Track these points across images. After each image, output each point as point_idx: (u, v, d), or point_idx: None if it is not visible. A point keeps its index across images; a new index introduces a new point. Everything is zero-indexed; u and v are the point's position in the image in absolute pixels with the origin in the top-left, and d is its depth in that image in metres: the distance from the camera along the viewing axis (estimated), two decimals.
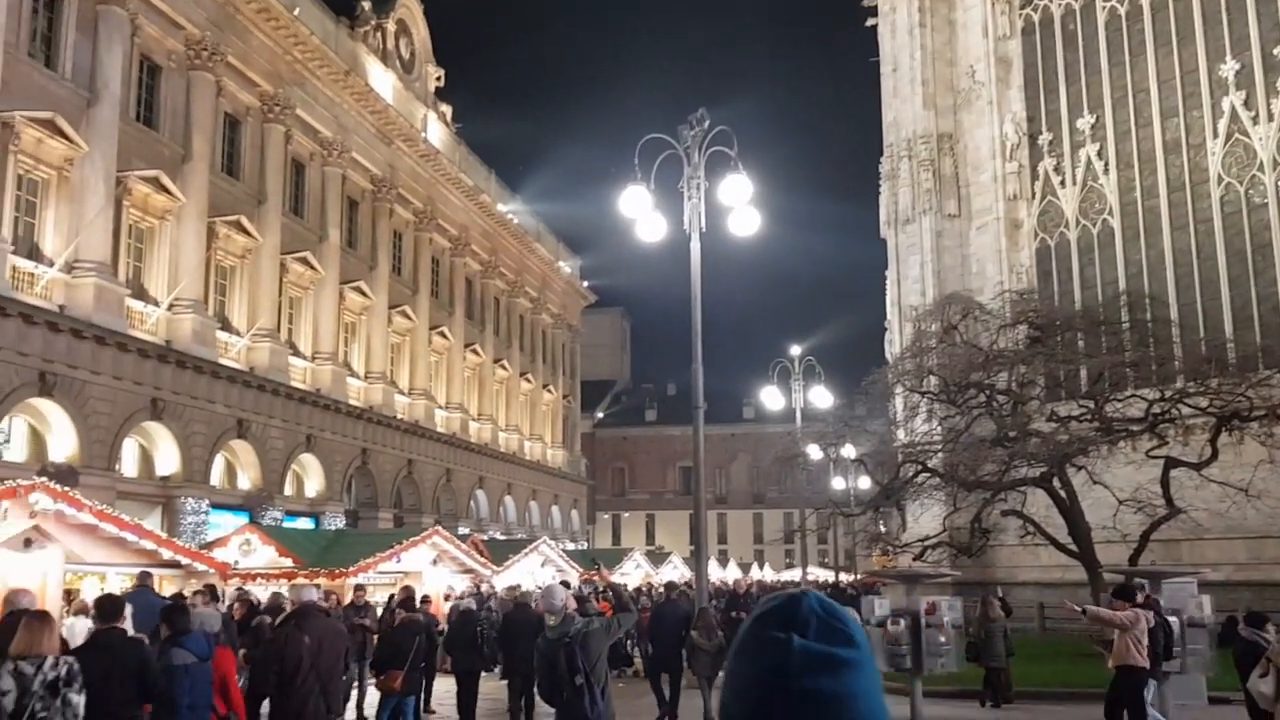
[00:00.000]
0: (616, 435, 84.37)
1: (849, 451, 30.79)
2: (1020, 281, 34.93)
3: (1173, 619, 12.77)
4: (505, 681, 14.44)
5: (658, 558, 43.05)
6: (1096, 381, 25.55)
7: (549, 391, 60.42)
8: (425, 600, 18.70)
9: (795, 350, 30.30)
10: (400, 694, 12.39)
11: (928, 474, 25.86)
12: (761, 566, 59.01)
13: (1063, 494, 23.94)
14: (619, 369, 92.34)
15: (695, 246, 14.33)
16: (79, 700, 6.08)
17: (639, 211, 14.23)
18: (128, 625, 9.37)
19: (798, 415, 31.01)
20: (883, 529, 34.82)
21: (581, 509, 65.74)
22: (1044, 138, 37.51)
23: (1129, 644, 11.56)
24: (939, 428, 26.73)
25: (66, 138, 25.10)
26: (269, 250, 32.89)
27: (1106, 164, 35.91)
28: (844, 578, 42.49)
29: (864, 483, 32.35)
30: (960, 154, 38.86)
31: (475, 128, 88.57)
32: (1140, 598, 12.65)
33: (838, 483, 34.30)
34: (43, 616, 6.81)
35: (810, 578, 39.04)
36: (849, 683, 1.23)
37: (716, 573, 40.79)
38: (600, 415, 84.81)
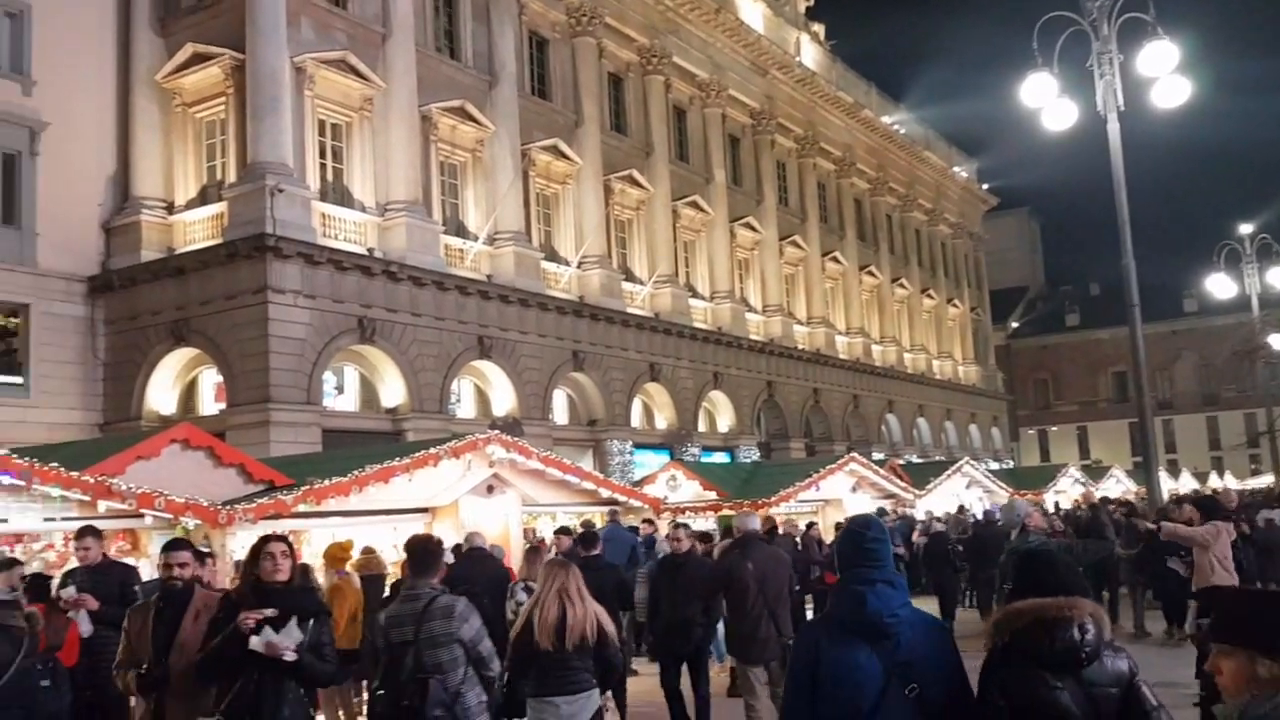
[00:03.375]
0: (1034, 345, 78.93)
1: None
2: None
3: None
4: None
5: (1096, 472, 39.65)
6: None
7: (954, 306, 57.72)
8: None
9: (1246, 229, 26.13)
10: None
11: None
12: (1221, 474, 52.59)
13: None
14: (1030, 274, 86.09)
15: (1114, 128, 12.89)
16: None
17: (1043, 99, 12.93)
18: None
19: (1254, 302, 26.85)
20: None
21: (1003, 426, 62.47)
22: None
23: (1211, 563, 10.00)
24: None
25: (476, 121, 27.46)
26: (661, 199, 34.05)
27: None
28: None
29: None
30: None
31: (850, 41, 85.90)
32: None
33: None
34: (533, 550, 9.12)
35: None
36: None
37: (1167, 484, 36.83)
38: (1014, 325, 79.76)
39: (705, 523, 19.26)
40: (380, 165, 25.01)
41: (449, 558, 9.96)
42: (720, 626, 10.27)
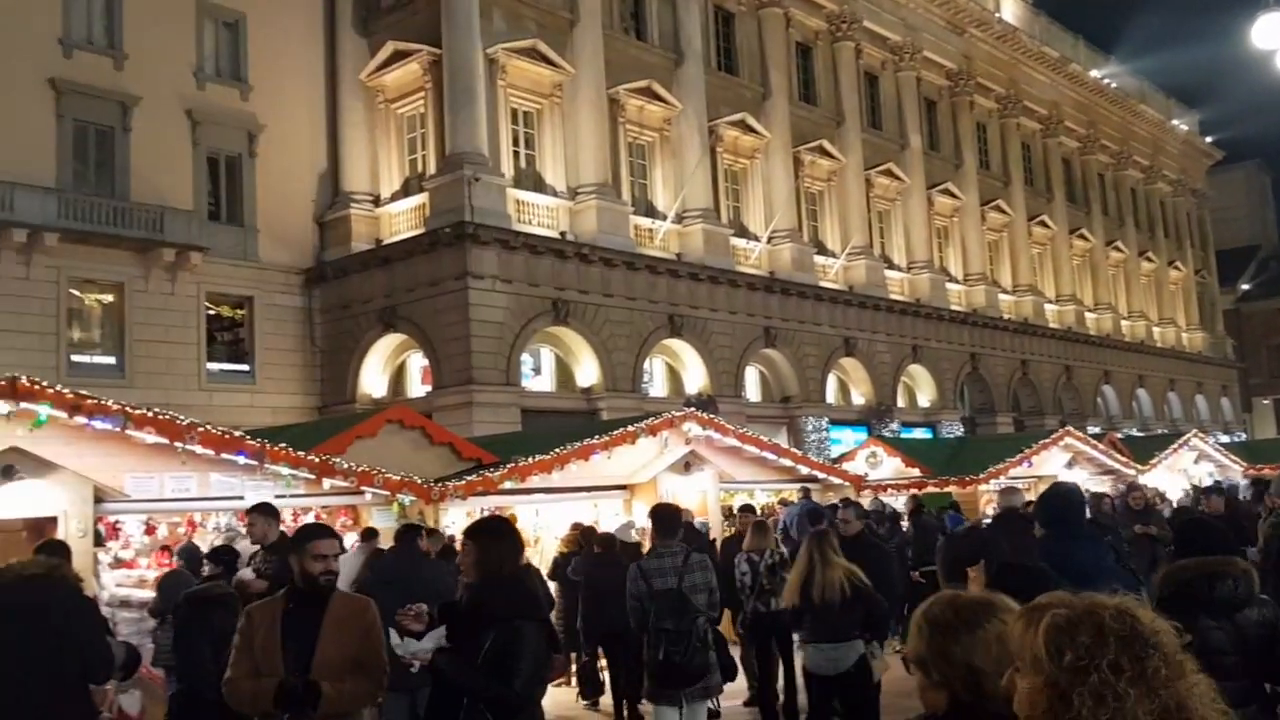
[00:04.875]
0: (1269, 308, 72.30)
1: None
2: None
3: None
4: None
5: None
6: None
7: (1175, 269, 53.65)
8: None
9: None
10: None
11: None
12: None
13: None
14: (1263, 231, 78.91)
15: None
16: (785, 576, 8.03)
17: (1276, 41, 11.53)
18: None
19: None
20: None
21: (1233, 396, 57.71)
22: None
23: None
24: None
25: (663, 100, 27.45)
26: (853, 168, 33.13)
27: None
28: None
29: None
30: None
31: None
32: None
33: None
34: (762, 524, 9.61)
35: None
36: None
37: None
38: (1245, 288, 73.41)
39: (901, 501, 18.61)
40: (570, 149, 25.38)
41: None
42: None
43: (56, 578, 5.15)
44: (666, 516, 7.14)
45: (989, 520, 15.99)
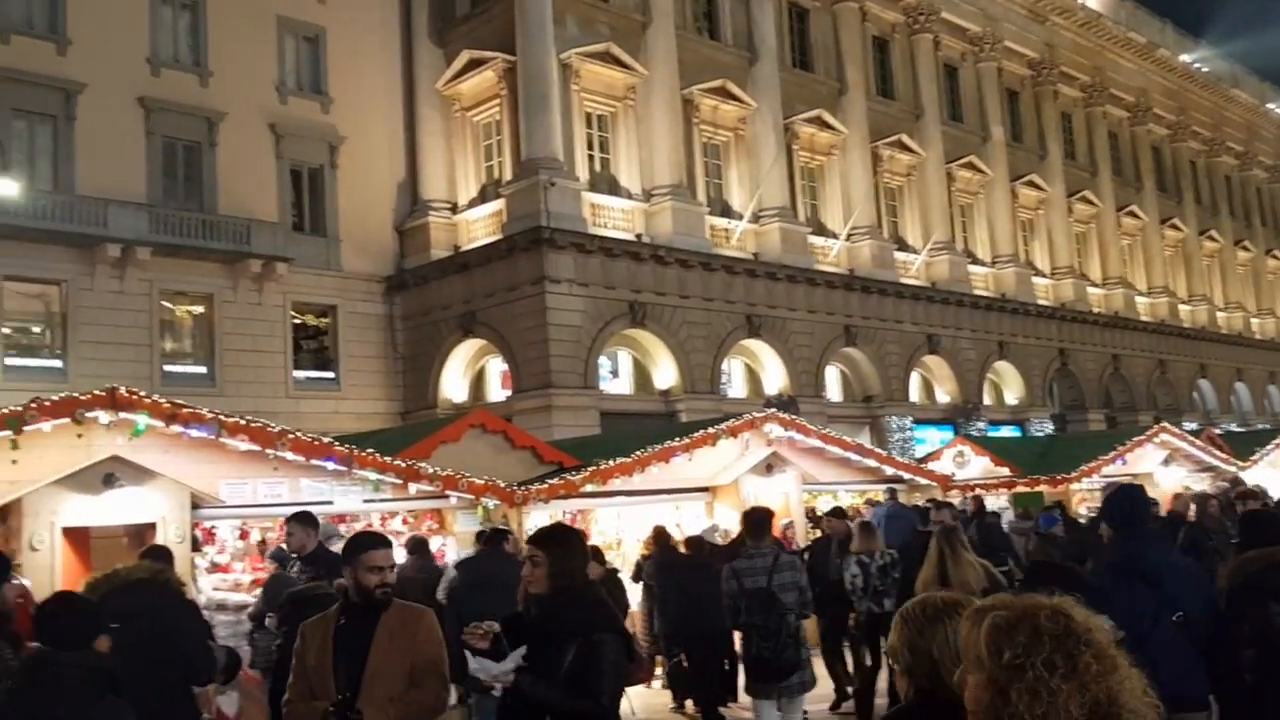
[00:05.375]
0: None
1: None
2: None
3: None
4: None
5: None
6: None
7: (1273, 258, 51.57)
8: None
9: None
10: None
11: None
12: None
13: None
14: None
15: None
16: (897, 577, 8.74)
17: None
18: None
19: None
20: None
21: None
22: None
23: None
24: None
25: (737, 99, 27.24)
26: (933, 162, 32.53)
27: None
28: None
29: None
30: None
31: None
32: None
33: None
34: (868, 525, 9.72)
35: None
36: None
37: None
38: None
39: (998, 500, 18.11)
40: (644, 151, 25.33)
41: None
42: None
43: (161, 582, 5.26)
44: (758, 520, 7.52)
45: (1085, 520, 15.49)
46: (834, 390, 29.48)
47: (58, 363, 21.01)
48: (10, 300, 20.73)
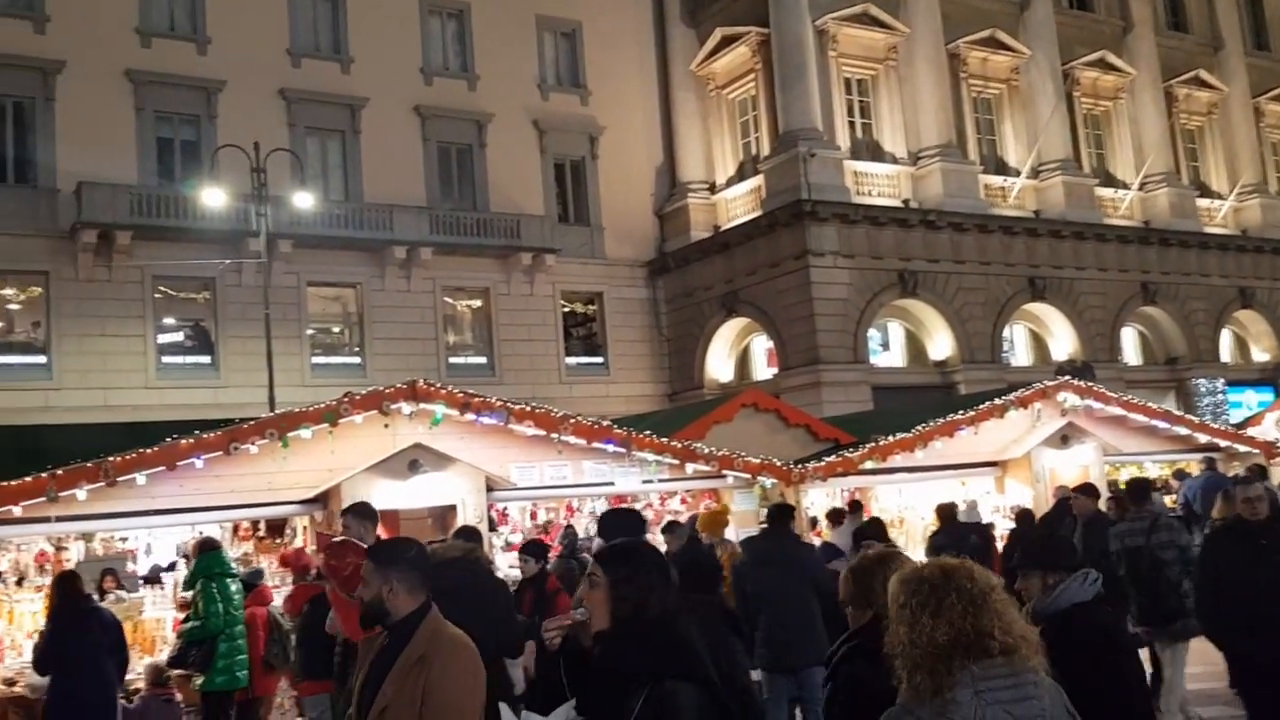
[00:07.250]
0: None
1: None
2: None
3: None
4: None
5: None
6: None
7: None
8: None
9: None
10: None
11: None
12: None
13: None
14: None
15: None
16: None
17: None
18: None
19: None
20: None
21: None
22: None
23: None
24: None
25: (1008, 48, 25.59)
26: (1237, 98, 29.51)
27: None
28: None
29: None
30: None
31: None
32: None
33: None
34: (1230, 494, 8.66)
35: None
36: None
37: None
38: None
39: None
40: (909, 113, 24.23)
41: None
42: None
43: (472, 559, 5.50)
44: (1137, 489, 8.37)
45: None
46: (1131, 353, 27.24)
47: (357, 359, 22.70)
48: (313, 304, 22.58)
